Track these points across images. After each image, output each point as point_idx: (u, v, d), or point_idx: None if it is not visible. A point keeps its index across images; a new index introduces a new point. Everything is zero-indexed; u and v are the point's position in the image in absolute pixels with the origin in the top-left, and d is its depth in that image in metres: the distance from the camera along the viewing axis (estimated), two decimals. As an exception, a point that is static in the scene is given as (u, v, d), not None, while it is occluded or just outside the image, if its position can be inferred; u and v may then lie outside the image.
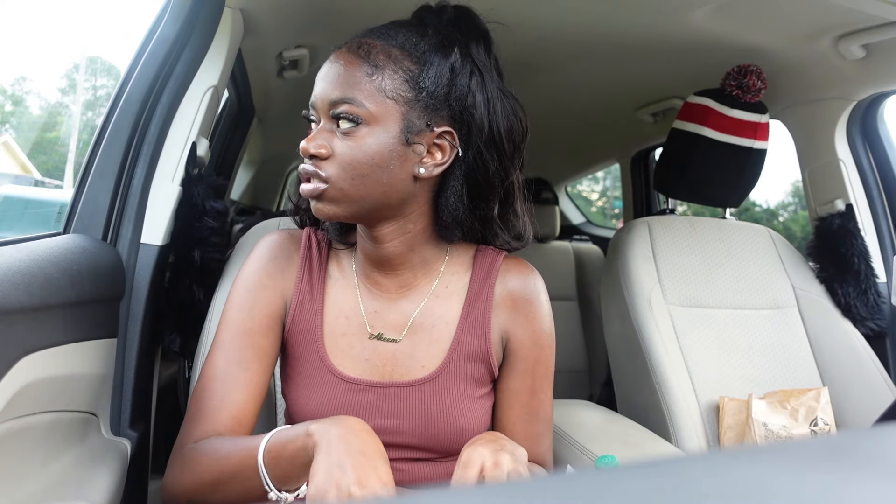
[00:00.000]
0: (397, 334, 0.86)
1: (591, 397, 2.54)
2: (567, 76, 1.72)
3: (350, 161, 0.76)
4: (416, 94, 0.78)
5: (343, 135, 0.77)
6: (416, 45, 0.80)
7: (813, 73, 1.51)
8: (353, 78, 0.77)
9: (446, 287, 0.89)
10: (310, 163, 0.78)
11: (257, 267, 0.87)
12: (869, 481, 0.24)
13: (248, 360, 0.82)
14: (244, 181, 2.75)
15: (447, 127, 0.80)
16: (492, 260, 0.91)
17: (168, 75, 1.07)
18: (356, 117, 0.76)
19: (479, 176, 0.82)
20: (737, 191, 1.59)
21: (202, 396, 0.80)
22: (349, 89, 0.76)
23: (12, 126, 8.02)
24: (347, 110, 0.76)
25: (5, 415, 0.67)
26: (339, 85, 0.77)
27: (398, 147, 0.77)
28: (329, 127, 0.78)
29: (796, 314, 1.52)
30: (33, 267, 0.73)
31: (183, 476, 0.76)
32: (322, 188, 0.77)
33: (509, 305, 0.89)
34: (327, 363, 0.85)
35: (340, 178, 0.77)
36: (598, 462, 1.07)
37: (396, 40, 0.79)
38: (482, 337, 0.87)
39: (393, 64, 0.78)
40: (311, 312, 0.87)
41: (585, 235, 3.44)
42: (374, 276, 0.88)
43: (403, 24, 0.83)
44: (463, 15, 0.85)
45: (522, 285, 0.90)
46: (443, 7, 0.85)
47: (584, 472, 0.26)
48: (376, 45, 0.78)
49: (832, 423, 1.32)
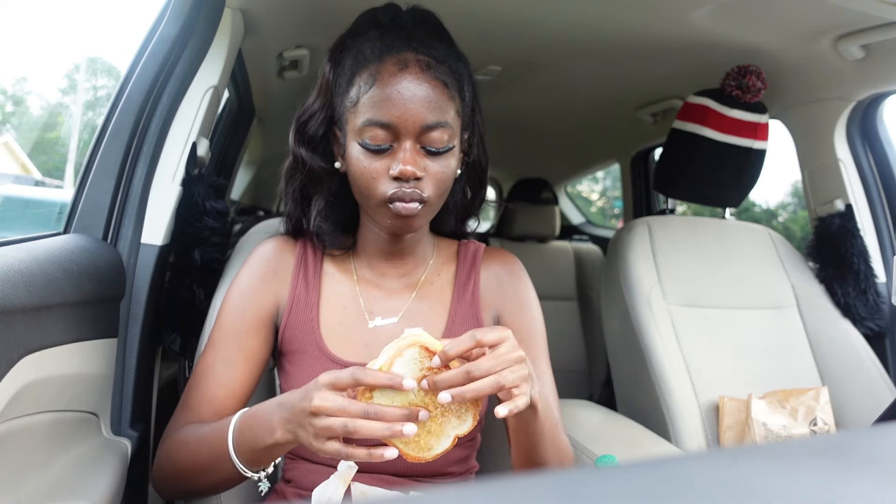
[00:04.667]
0: (394, 317, 0.91)
1: (591, 397, 2.54)
2: (567, 76, 1.72)
3: (444, 180, 0.83)
4: (463, 107, 0.85)
5: (434, 155, 0.81)
6: (448, 56, 0.84)
7: (812, 73, 1.51)
8: (441, 101, 0.80)
9: (438, 275, 0.96)
10: (409, 185, 0.80)
11: (251, 272, 0.92)
12: (868, 481, 0.24)
13: (235, 360, 0.87)
14: (244, 181, 2.75)
15: (468, 131, 0.89)
16: (474, 251, 0.99)
17: (168, 75, 1.07)
18: (450, 140, 0.82)
19: (478, 170, 0.94)
20: (736, 191, 1.59)
21: (189, 391, 0.87)
22: (442, 113, 0.80)
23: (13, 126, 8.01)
24: (444, 134, 0.81)
25: (6, 414, 0.67)
26: (432, 109, 0.79)
27: (459, 156, 0.87)
28: (416, 147, 0.81)
29: (796, 314, 1.53)
30: (34, 267, 0.74)
31: (164, 464, 0.82)
32: (422, 208, 0.82)
33: (495, 285, 0.97)
34: (326, 351, 0.88)
35: (434, 196, 0.83)
36: (597, 462, 1.07)
37: (439, 52, 0.83)
38: (474, 317, 0.93)
39: (454, 82, 0.83)
40: (307, 308, 0.91)
41: (585, 235, 3.44)
42: (380, 267, 0.94)
43: (424, 31, 0.86)
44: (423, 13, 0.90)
45: (505, 267, 0.99)
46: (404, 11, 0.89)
47: (584, 471, 0.26)
48: (435, 64, 0.81)
49: (831, 423, 1.32)
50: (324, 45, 1.53)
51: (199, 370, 0.87)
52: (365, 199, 0.85)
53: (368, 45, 0.83)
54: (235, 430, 0.74)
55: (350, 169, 0.85)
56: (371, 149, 0.80)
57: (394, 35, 0.83)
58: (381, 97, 0.79)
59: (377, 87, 0.79)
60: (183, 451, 0.80)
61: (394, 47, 0.81)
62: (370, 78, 0.80)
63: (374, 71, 0.80)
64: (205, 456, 0.77)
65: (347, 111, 0.83)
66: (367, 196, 0.83)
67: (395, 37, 0.82)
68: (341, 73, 0.86)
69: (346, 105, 0.84)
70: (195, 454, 0.78)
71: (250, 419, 0.74)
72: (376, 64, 0.81)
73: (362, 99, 0.80)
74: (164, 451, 0.83)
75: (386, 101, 0.79)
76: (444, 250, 1.00)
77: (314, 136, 0.89)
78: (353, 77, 0.83)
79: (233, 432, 0.74)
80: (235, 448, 0.74)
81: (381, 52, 0.81)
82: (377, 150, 0.80)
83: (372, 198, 0.82)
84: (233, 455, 0.74)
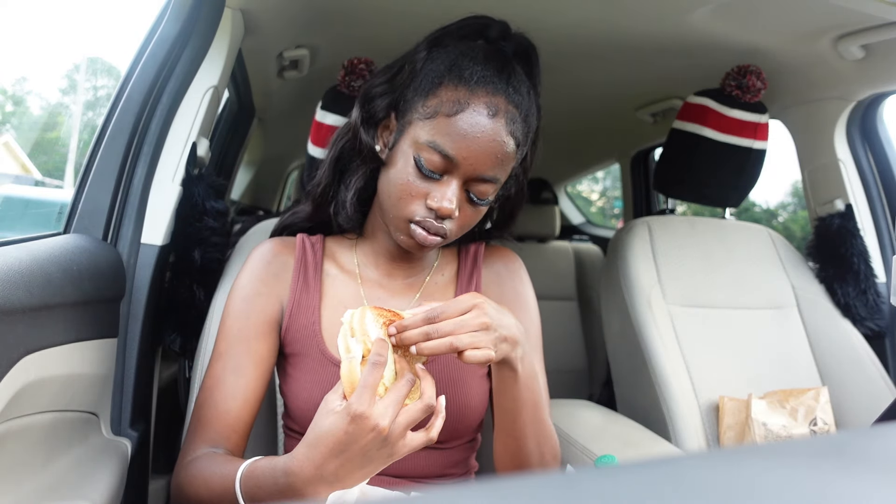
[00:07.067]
0: None
1: (591, 397, 2.54)
2: (567, 76, 1.72)
3: (470, 223, 0.84)
4: (518, 160, 0.85)
5: (473, 203, 0.81)
6: (530, 108, 0.83)
7: (812, 73, 1.51)
8: (506, 159, 0.80)
9: (442, 274, 0.97)
10: (437, 220, 0.80)
11: (252, 276, 0.90)
12: (868, 481, 0.24)
13: (244, 367, 0.85)
14: (244, 181, 2.75)
15: (513, 177, 0.91)
16: (475, 250, 1.00)
17: (168, 75, 1.07)
18: (493, 192, 0.82)
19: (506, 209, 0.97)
20: (736, 191, 1.59)
21: (201, 406, 0.84)
22: (500, 170, 0.80)
23: (13, 126, 8.01)
24: (490, 188, 0.81)
25: (6, 414, 0.67)
26: (495, 164, 0.79)
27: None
28: (462, 188, 0.80)
29: (796, 314, 1.53)
30: (34, 267, 0.73)
31: (179, 493, 0.80)
32: (440, 241, 0.82)
33: (496, 282, 0.98)
34: (328, 355, 0.87)
35: (455, 234, 0.83)
36: (597, 462, 1.07)
37: (525, 103, 0.82)
38: None
39: (525, 140, 0.82)
40: (308, 310, 0.90)
41: (585, 235, 3.44)
42: (385, 267, 0.94)
43: (523, 70, 0.85)
44: (527, 46, 0.89)
45: (505, 266, 1.00)
46: (513, 35, 0.88)
47: (584, 471, 0.26)
48: (519, 119, 0.80)
49: (831, 423, 1.32)
50: (324, 45, 1.54)
51: (208, 384, 0.85)
52: (390, 207, 0.83)
53: (469, 63, 0.80)
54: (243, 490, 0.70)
55: (391, 170, 0.83)
56: (422, 170, 0.79)
57: (495, 66, 0.80)
58: (457, 129, 0.77)
59: (459, 117, 0.77)
60: (193, 491, 0.77)
61: (491, 83, 0.78)
62: (457, 104, 0.77)
63: (463, 98, 0.77)
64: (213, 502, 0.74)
65: (417, 115, 0.81)
66: (395, 207, 0.82)
67: (496, 70, 0.80)
68: (430, 72, 0.82)
69: (419, 108, 0.81)
70: (203, 498, 0.75)
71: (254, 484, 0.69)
72: (468, 92, 0.78)
73: (439, 118, 0.78)
74: (176, 482, 0.80)
75: (461, 136, 0.76)
76: (447, 249, 1.01)
77: (376, 115, 0.87)
78: (439, 86, 0.80)
79: (240, 491, 0.70)
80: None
81: (479, 81, 0.78)
82: (426, 175, 0.79)
83: (399, 211, 0.81)
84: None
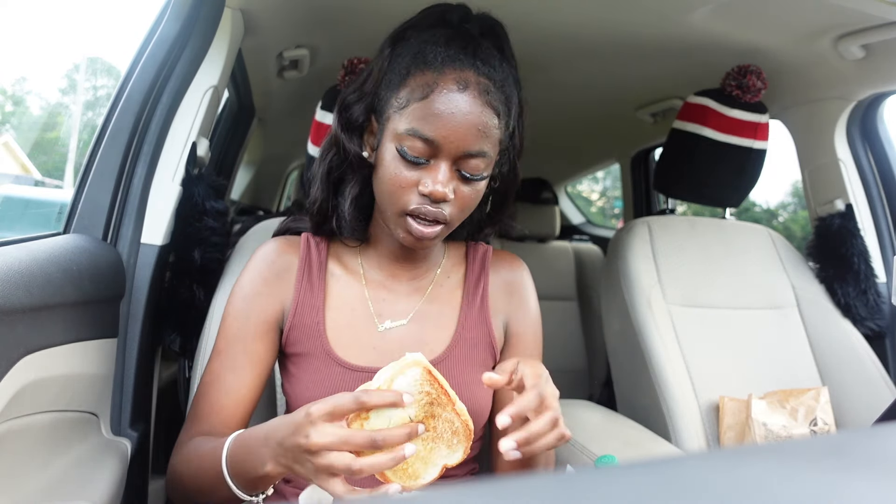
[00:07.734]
0: (403, 319, 0.90)
1: (591, 397, 2.54)
2: (567, 76, 1.72)
3: (469, 204, 0.82)
4: (506, 134, 0.83)
5: (466, 180, 0.80)
6: (505, 79, 0.82)
7: (813, 73, 1.51)
8: (489, 130, 0.79)
9: (448, 278, 0.96)
10: (433, 206, 0.79)
11: (254, 275, 0.90)
12: (868, 481, 0.24)
13: (241, 366, 0.86)
14: (244, 181, 2.75)
15: (504, 154, 0.87)
16: (483, 253, 0.99)
17: (168, 75, 1.07)
18: (486, 168, 0.80)
19: (503, 189, 0.92)
20: (737, 191, 1.59)
21: (197, 401, 0.86)
22: (486, 143, 0.79)
23: (12, 126, 8.01)
24: (482, 163, 0.79)
25: (6, 414, 0.67)
26: (478, 137, 0.78)
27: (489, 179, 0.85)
28: (452, 168, 0.79)
29: (796, 314, 1.53)
30: (33, 267, 0.73)
31: (174, 480, 0.82)
32: (440, 228, 0.81)
33: (504, 291, 0.96)
34: (333, 355, 0.87)
35: (456, 217, 0.82)
36: (597, 462, 1.07)
37: (499, 74, 0.81)
38: (484, 322, 0.93)
39: (506, 110, 0.81)
40: (312, 310, 0.89)
41: (585, 235, 3.44)
42: (390, 268, 0.93)
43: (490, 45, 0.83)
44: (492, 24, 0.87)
45: (513, 273, 0.99)
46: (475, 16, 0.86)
47: (584, 471, 0.26)
48: (493, 89, 0.79)
49: (832, 423, 1.32)
50: (324, 45, 1.54)
51: (206, 380, 0.86)
52: (386, 205, 0.83)
53: (432, 48, 0.79)
54: (228, 456, 0.72)
55: (379, 169, 0.82)
56: (408, 158, 0.78)
57: (459, 45, 0.79)
58: (432, 111, 0.76)
59: (431, 99, 0.76)
60: (186, 470, 0.79)
61: (457, 60, 0.78)
62: (426, 87, 0.77)
63: (431, 80, 0.77)
64: (205, 478, 0.76)
65: (393, 109, 0.80)
66: (390, 203, 0.81)
67: (460, 47, 0.79)
68: (396, 66, 0.82)
69: (392, 103, 0.81)
70: (197, 474, 0.77)
71: (241, 448, 0.71)
72: (435, 73, 0.77)
73: (412, 105, 0.77)
74: (172, 466, 0.82)
75: (436, 117, 0.76)
76: (454, 251, 0.99)
77: (355, 121, 0.86)
78: (407, 77, 0.79)
79: (226, 459, 0.72)
80: (231, 474, 0.71)
81: (444, 61, 0.77)
82: (413, 162, 0.78)
83: (394, 206, 0.81)
84: (228, 481, 0.71)
